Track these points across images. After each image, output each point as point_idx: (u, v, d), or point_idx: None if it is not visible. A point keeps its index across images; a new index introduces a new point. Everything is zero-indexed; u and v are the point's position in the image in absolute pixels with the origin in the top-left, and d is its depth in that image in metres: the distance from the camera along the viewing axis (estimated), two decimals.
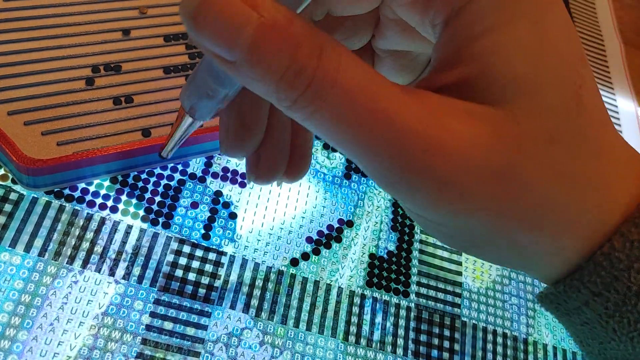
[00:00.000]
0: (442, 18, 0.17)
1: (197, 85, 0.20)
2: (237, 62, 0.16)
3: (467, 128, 0.16)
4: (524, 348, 0.32)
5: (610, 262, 0.18)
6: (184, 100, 0.21)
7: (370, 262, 0.32)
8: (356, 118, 0.16)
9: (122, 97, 0.30)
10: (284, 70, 0.15)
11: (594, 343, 0.21)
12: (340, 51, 0.16)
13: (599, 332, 0.20)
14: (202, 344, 0.27)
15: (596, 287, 0.19)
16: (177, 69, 0.33)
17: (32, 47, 0.30)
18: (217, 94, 0.20)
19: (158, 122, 0.30)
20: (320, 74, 0.15)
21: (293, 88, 0.16)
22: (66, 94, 0.30)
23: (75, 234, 0.28)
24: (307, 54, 0.15)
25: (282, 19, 0.15)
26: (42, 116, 0.29)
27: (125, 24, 0.33)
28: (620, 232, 0.18)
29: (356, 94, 0.16)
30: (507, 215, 0.18)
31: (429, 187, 0.17)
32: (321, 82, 0.15)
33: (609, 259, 0.18)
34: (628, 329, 0.19)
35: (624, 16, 0.56)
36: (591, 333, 0.20)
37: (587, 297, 0.19)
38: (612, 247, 0.18)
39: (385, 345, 0.30)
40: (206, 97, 0.20)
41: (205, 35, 0.16)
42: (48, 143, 0.28)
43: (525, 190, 0.17)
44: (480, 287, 0.34)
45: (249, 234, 0.31)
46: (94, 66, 0.31)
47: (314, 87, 0.15)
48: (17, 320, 0.26)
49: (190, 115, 0.22)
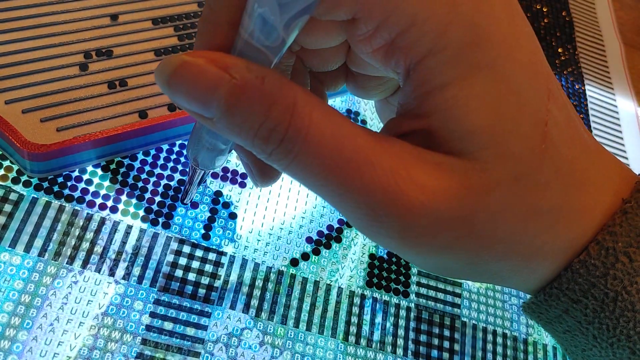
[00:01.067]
0: (402, 68, 0.18)
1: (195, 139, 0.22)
2: (215, 120, 0.17)
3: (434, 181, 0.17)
4: (524, 348, 0.32)
5: (587, 269, 0.19)
6: (188, 152, 0.23)
7: (370, 262, 0.32)
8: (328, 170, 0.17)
9: (116, 81, 0.31)
10: (258, 127, 0.16)
11: (577, 350, 0.21)
12: (312, 105, 0.17)
13: (580, 340, 0.20)
14: (202, 344, 0.27)
15: (574, 295, 0.19)
16: (167, 51, 0.33)
17: (23, 36, 0.31)
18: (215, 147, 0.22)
19: (154, 104, 0.31)
20: (293, 130, 0.16)
21: (267, 143, 0.16)
22: (61, 80, 0.30)
23: (75, 234, 0.28)
24: (279, 112, 0.16)
25: (254, 79, 0.16)
26: (39, 103, 0.29)
27: (113, 9, 0.33)
28: (596, 240, 0.19)
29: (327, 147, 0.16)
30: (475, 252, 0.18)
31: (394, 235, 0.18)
32: (294, 138, 0.16)
33: (586, 266, 0.19)
34: (607, 334, 0.19)
35: (624, 16, 0.56)
36: (573, 341, 0.21)
37: (567, 305, 0.20)
38: (588, 254, 0.19)
39: (385, 345, 0.30)
40: (206, 150, 0.22)
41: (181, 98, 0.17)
42: (48, 129, 0.28)
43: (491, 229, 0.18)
44: (480, 287, 0.34)
45: (249, 234, 0.31)
46: (86, 52, 0.31)
47: (286, 143, 0.16)
48: (17, 320, 0.26)
49: (195, 166, 0.23)
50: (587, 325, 0.19)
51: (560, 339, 0.22)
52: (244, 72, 0.16)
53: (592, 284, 0.19)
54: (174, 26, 0.34)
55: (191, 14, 0.35)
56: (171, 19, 0.34)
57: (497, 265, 0.19)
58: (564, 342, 0.21)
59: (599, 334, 0.19)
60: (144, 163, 0.31)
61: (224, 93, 0.16)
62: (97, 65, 0.31)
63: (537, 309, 0.21)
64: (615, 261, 0.18)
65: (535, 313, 0.21)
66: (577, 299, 0.19)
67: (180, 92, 0.16)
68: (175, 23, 0.34)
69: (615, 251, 0.18)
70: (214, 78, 0.16)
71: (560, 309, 0.20)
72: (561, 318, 0.20)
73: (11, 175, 0.29)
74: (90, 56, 0.31)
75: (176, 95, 0.17)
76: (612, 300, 0.18)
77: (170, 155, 0.32)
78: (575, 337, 0.20)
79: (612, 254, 0.18)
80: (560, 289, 0.19)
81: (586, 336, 0.20)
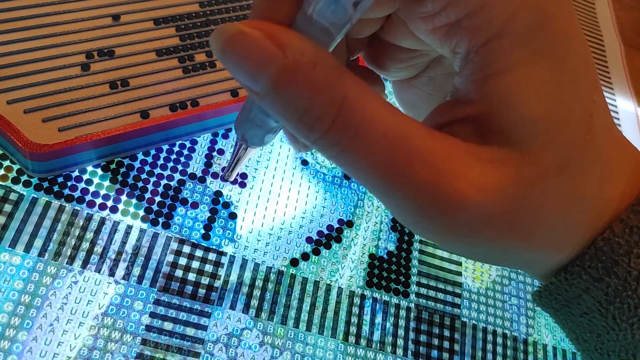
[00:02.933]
0: (464, 49, 0.17)
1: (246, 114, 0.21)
2: (261, 95, 0.16)
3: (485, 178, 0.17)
4: (524, 348, 0.32)
5: (610, 247, 0.19)
6: (237, 129, 0.22)
7: (370, 262, 0.32)
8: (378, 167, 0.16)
9: (117, 81, 0.31)
10: (302, 113, 0.16)
11: (591, 336, 0.21)
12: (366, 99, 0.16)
13: (598, 322, 0.20)
14: (202, 345, 0.27)
15: (597, 273, 0.19)
16: (169, 51, 0.33)
17: (25, 36, 0.31)
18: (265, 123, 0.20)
19: (155, 104, 0.31)
20: (341, 124, 0.16)
21: (311, 131, 0.16)
22: (63, 80, 0.30)
23: (75, 234, 0.28)
24: (325, 102, 0.16)
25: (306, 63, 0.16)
26: (41, 103, 0.29)
27: (115, 9, 0.33)
28: (620, 218, 0.19)
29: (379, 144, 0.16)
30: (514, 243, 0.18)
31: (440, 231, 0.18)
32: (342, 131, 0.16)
33: (609, 244, 0.19)
34: (628, 314, 0.19)
35: (624, 16, 0.56)
36: (589, 325, 0.21)
37: (588, 283, 0.19)
38: (612, 232, 0.19)
39: (385, 345, 0.30)
40: (255, 126, 0.21)
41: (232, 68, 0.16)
42: (50, 129, 0.28)
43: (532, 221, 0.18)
44: (480, 288, 0.33)
45: (249, 234, 0.31)
46: (87, 52, 0.31)
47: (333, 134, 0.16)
48: (16, 320, 0.26)
49: (243, 142, 0.22)
50: (608, 305, 0.19)
51: (575, 325, 0.21)
52: (297, 54, 0.16)
53: (615, 261, 0.19)
54: (176, 26, 0.34)
55: (193, 14, 0.35)
56: (173, 19, 0.34)
57: (530, 254, 0.19)
58: (578, 328, 0.21)
59: (620, 314, 0.19)
60: (144, 163, 0.31)
61: (274, 71, 0.16)
62: (98, 66, 0.31)
63: (556, 290, 0.21)
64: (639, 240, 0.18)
65: (552, 295, 0.21)
66: (600, 277, 0.19)
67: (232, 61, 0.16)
68: (177, 23, 0.34)
69: (639, 230, 0.18)
70: (267, 54, 0.16)
71: (581, 288, 0.20)
72: (580, 298, 0.20)
73: (11, 175, 0.29)
74: (92, 56, 0.31)
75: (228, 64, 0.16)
76: (634, 279, 0.18)
77: (171, 155, 0.32)
78: (592, 320, 0.20)
79: (637, 232, 0.18)
80: (582, 266, 0.19)
81: (605, 317, 0.20)
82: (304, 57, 0.16)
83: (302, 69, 0.16)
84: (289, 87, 0.16)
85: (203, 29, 0.35)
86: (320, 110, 0.16)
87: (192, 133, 0.32)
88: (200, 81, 0.33)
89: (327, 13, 0.16)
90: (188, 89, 0.32)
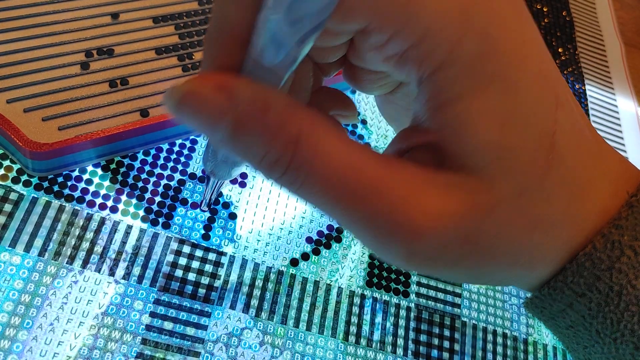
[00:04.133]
0: (414, 79, 0.18)
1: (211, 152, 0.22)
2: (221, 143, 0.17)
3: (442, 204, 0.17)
4: (524, 348, 0.32)
5: (592, 263, 0.19)
6: (205, 164, 0.23)
7: (370, 262, 0.32)
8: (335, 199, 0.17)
9: (117, 79, 0.31)
10: (260, 158, 0.17)
11: (579, 347, 0.21)
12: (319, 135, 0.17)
13: (583, 336, 0.20)
14: (202, 344, 0.27)
15: (579, 288, 0.19)
16: (168, 49, 0.33)
17: (24, 35, 0.31)
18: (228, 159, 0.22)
19: (155, 102, 0.31)
20: (297, 162, 0.16)
21: (272, 172, 0.17)
22: (63, 79, 0.30)
23: (75, 234, 0.28)
24: (281, 145, 0.16)
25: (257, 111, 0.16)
26: (41, 102, 0.29)
27: (113, 8, 0.33)
28: (602, 233, 0.19)
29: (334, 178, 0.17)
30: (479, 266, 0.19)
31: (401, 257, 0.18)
32: (298, 168, 0.16)
33: (591, 259, 0.19)
34: (611, 329, 0.19)
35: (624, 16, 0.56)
36: (575, 337, 0.21)
37: (571, 299, 0.20)
38: (594, 247, 0.19)
39: (385, 345, 0.30)
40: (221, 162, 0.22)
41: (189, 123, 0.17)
42: (50, 128, 0.28)
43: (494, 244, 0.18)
44: (480, 287, 0.33)
45: (248, 234, 0.31)
46: (87, 51, 0.31)
47: (291, 172, 0.17)
48: (17, 320, 0.26)
49: (212, 176, 0.24)
50: (591, 320, 0.19)
51: (562, 336, 0.21)
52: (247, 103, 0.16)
53: (597, 277, 0.19)
54: (175, 24, 0.34)
55: (192, 12, 0.35)
56: (172, 17, 0.34)
57: (502, 274, 0.19)
58: (566, 338, 0.21)
59: (603, 328, 0.19)
60: (144, 163, 0.31)
61: (227, 124, 0.16)
62: (98, 64, 0.31)
63: (541, 304, 0.21)
64: (621, 254, 0.18)
65: (538, 308, 0.21)
66: (582, 292, 0.19)
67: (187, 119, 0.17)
68: (176, 21, 0.34)
69: (620, 244, 0.18)
70: (219, 108, 0.16)
71: (564, 303, 0.20)
72: (564, 313, 0.20)
73: (11, 175, 0.29)
74: (92, 55, 0.31)
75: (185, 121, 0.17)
76: (616, 294, 0.18)
77: (171, 155, 0.32)
78: (578, 333, 0.20)
79: (618, 247, 0.18)
80: (565, 282, 0.19)
81: (589, 331, 0.20)
82: (255, 104, 0.16)
83: (254, 116, 0.16)
84: (245, 136, 0.16)
85: (202, 27, 0.35)
86: (277, 154, 0.16)
87: (192, 131, 0.32)
88: None
89: (271, 56, 0.16)
90: None
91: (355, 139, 0.35)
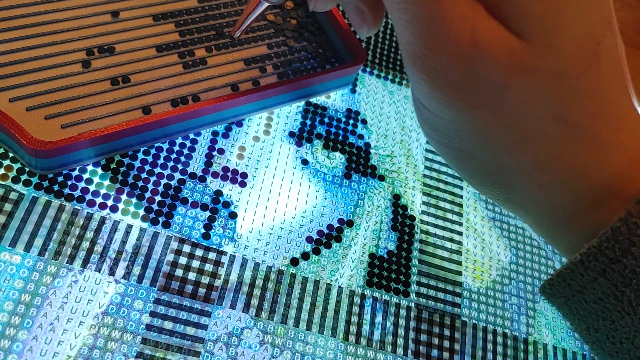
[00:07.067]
0: None
1: None
2: None
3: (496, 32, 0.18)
4: (524, 348, 0.32)
5: (627, 228, 0.18)
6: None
7: (370, 262, 0.32)
8: None
9: (119, 77, 0.31)
10: None
11: (604, 324, 0.20)
12: None
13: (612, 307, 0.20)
14: (202, 344, 0.27)
15: (614, 254, 0.19)
16: (168, 47, 0.33)
17: (25, 34, 0.31)
18: None
19: (157, 100, 0.31)
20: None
21: None
22: (64, 77, 0.30)
23: (75, 234, 0.28)
24: None
25: None
26: (43, 101, 0.29)
27: (114, 6, 0.33)
28: (637, 199, 0.18)
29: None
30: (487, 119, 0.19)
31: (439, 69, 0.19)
32: None
33: (627, 224, 0.18)
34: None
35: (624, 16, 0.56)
36: (603, 312, 0.20)
37: (604, 265, 0.19)
38: (629, 213, 0.18)
39: (385, 345, 0.30)
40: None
41: None
42: (53, 126, 0.28)
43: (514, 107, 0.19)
44: (480, 287, 0.34)
45: (249, 234, 0.31)
46: (88, 49, 0.31)
47: None
48: (17, 319, 0.26)
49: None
50: (624, 287, 0.19)
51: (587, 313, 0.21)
52: None
53: (632, 243, 0.18)
54: (175, 22, 0.34)
55: (191, 9, 0.35)
56: (172, 14, 0.34)
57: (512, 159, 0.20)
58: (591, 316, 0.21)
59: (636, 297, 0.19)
60: (144, 162, 0.31)
61: None
62: (99, 62, 0.31)
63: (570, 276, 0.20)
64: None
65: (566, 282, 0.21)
66: (617, 258, 0.19)
67: None
68: (176, 19, 0.34)
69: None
70: None
71: (597, 271, 0.19)
72: (595, 282, 0.20)
73: (11, 175, 0.29)
74: (93, 53, 0.31)
75: None
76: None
77: (171, 154, 0.32)
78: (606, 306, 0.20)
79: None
80: (599, 247, 0.19)
81: (621, 301, 0.19)
82: None
83: None
84: None
85: (202, 24, 0.35)
86: None
87: (195, 128, 0.32)
88: (201, 76, 0.33)
89: None
90: (189, 84, 0.32)
91: (355, 139, 0.35)
